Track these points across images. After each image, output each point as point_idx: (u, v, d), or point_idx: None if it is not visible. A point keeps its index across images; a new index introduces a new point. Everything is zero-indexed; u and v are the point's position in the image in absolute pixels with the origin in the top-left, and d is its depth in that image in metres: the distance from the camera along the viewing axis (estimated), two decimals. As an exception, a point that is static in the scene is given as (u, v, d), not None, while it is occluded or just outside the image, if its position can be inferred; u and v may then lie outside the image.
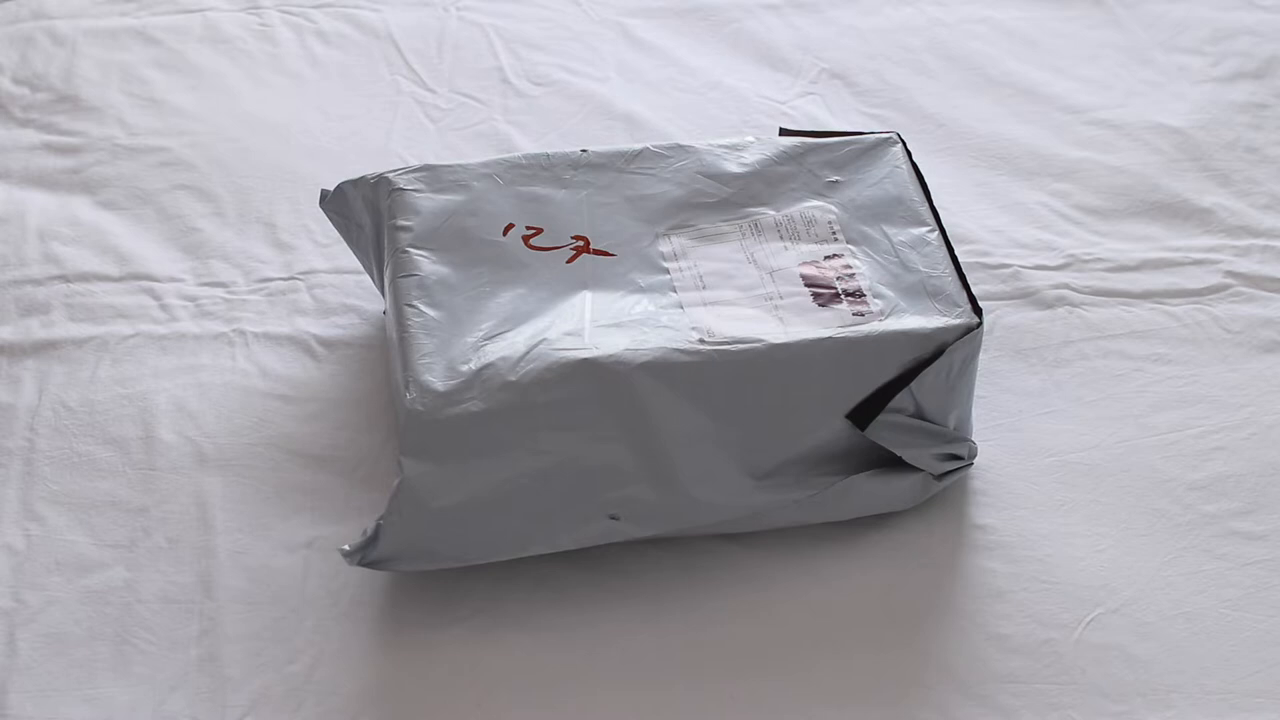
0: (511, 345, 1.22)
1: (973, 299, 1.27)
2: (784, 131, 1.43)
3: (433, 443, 1.19)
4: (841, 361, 1.23)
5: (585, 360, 1.20)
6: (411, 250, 1.30)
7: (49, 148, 1.61)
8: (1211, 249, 1.49)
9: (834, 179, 1.36)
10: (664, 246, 1.31)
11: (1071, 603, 1.23)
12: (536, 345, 1.21)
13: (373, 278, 1.41)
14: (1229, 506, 1.29)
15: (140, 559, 1.26)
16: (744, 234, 1.32)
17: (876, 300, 1.26)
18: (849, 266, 1.29)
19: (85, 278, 1.48)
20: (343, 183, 1.38)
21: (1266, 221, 1.51)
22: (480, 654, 1.20)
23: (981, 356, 1.29)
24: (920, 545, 1.26)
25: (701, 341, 1.22)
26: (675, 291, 1.27)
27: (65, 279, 1.48)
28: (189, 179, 1.57)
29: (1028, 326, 1.42)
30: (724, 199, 1.35)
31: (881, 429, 1.24)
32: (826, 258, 1.30)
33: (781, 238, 1.32)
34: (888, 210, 1.33)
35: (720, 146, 1.38)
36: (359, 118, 1.64)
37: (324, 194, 1.40)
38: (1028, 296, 1.45)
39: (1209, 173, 1.56)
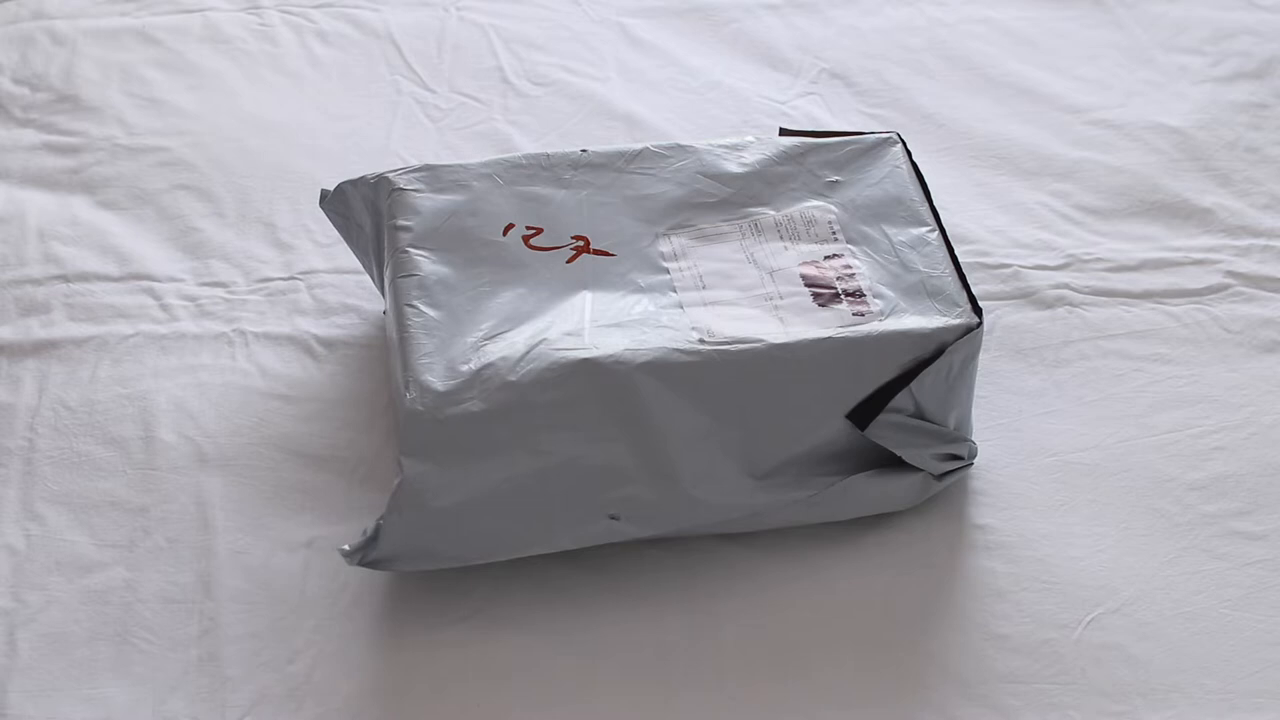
0: (511, 345, 1.22)
1: (973, 299, 1.27)
2: (784, 131, 1.43)
3: (433, 443, 1.19)
4: (841, 361, 1.23)
5: (585, 360, 1.20)
6: (411, 250, 1.30)
7: (49, 148, 1.61)
8: (1211, 249, 1.49)
9: (834, 179, 1.36)
10: (664, 246, 1.31)
11: (1071, 603, 1.23)
12: (536, 345, 1.21)
13: (373, 278, 1.41)
14: (1229, 506, 1.29)
15: (140, 559, 1.26)
16: (744, 234, 1.32)
17: (876, 300, 1.26)
18: (849, 266, 1.29)
19: (85, 278, 1.48)
20: (343, 183, 1.38)
21: (1266, 221, 1.51)
22: (480, 654, 1.20)
23: (981, 356, 1.29)
24: (920, 545, 1.26)
25: (701, 341, 1.22)
26: (675, 291, 1.27)
27: (65, 279, 1.48)
28: (189, 179, 1.57)
29: (1028, 326, 1.42)
30: (724, 199, 1.35)
31: (881, 429, 1.24)
32: (826, 258, 1.30)
33: (781, 238, 1.32)
34: (888, 210, 1.33)
35: (720, 146, 1.38)
36: (359, 118, 1.64)
37: (324, 194, 1.40)
38: (1028, 296, 1.45)
39: (1209, 173, 1.56)
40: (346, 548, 1.20)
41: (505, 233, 1.32)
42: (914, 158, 1.40)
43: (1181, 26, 1.73)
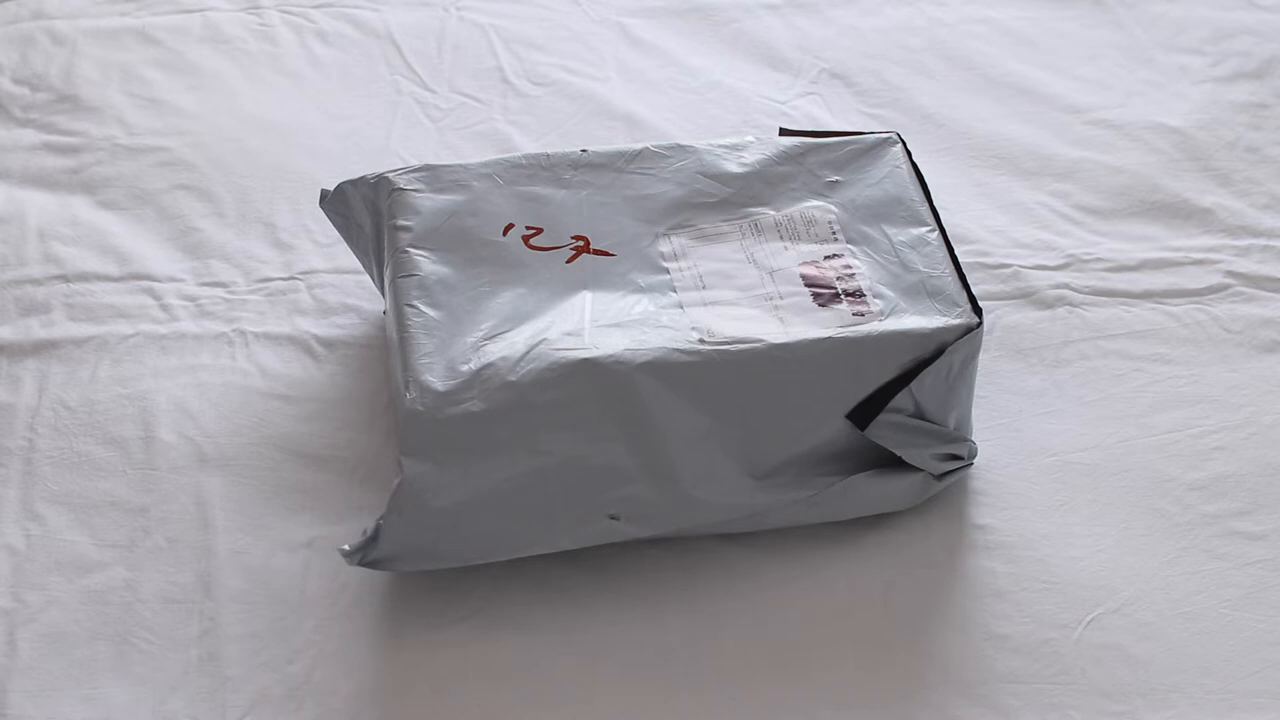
0: (511, 345, 1.22)
1: (973, 299, 1.27)
2: (784, 131, 1.43)
3: (433, 443, 1.19)
4: (841, 361, 1.23)
5: (585, 360, 1.20)
6: (411, 250, 1.30)
7: (49, 148, 1.61)
8: (1211, 249, 1.49)
9: (834, 179, 1.36)
10: (664, 246, 1.31)
11: (1071, 603, 1.23)
12: (536, 345, 1.21)
13: (373, 278, 1.41)
14: (1229, 506, 1.29)
15: (140, 559, 1.26)
16: (744, 234, 1.32)
17: (876, 300, 1.26)
18: (849, 266, 1.29)
19: (85, 278, 1.48)
20: (343, 183, 1.38)
21: (1266, 221, 1.51)
22: (480, 654, 1.20)
23: (981, 356, 1.29)
24: (920, 545, 1.26)
25: (701, 341, 1.22)
26: (675, 291, 1.27)
27: (65, 279, 1.48)
28: (189, 179, 1.57)
29: (1028, 326, 1.42)
30: (724, 199, 1.35)
31: (881, 429, 1.24)
32: (826, 258, 1.30)
33: (781, 238, 1.32)
34: (888, 210, 1.33)
35: (720, 146, 1.38)
36: (359, 118, 1.64)
37: (324, 194, 1.40)
38: (1028, 296, 1.45)
39: (1209, 173, 1.56)
40: (346, 548, 1.20)
41: (505, 233, 1.32)
42: (914, 158, 1.40)
43: (1181, 26, 1.73)
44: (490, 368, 1.20)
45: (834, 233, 1.32)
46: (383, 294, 1.36)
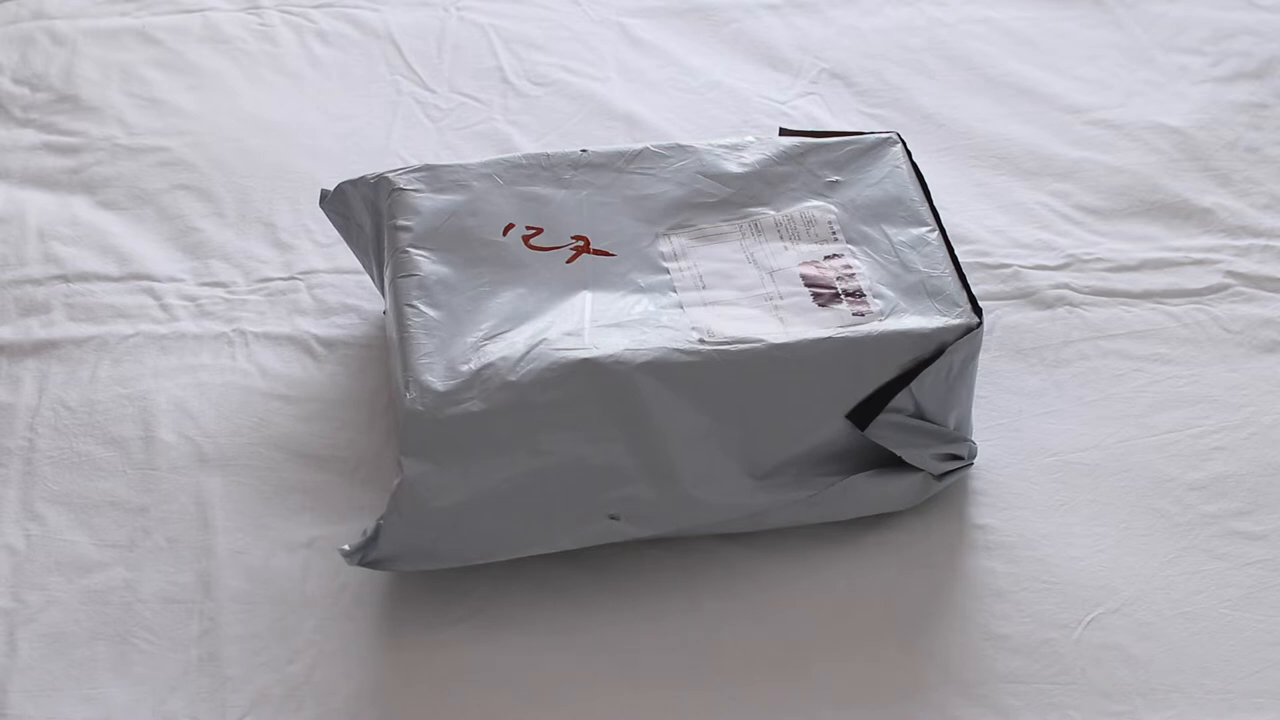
0: (511, 345, 1.22)
1: (973, 299, 1.27)
2: (784, 131, 1.43)
3: (433, 443, 1.19)
4: (841, 361, 1.23)
5: (585, 360, 1.20)
6: (411, 250, 1.30)
7: (49, 148, 1.61)
8: (1211, 249, 1.49)
9: (834, 179, 1.36)
10: (664, 246, 1.31)
11: (1071, 603, 1.23)
12: (536, 345, 1.21)
13: (373, 278, 1.41)
14: (1229, 506, 1.29)
15: (140, 559, 1.26)
16: (744, 234, 1.32)
17: (876, 300, 1.26)
18: (849, 266, 1.29)
19: (85, 278, 1.48)
20: (343, 183, 1.38)
21: (1266, 221, 1.51)
22: (480, 654, 1.20)
23: (981, 356, 1.29)
24: (920, 545, 1.26)
25: (701, 341, 1.22)
26: (675, 291, 1.27)
27: (65, 279, 1.48)
28: (189, 179, 1.57)
29: (1028, 326, 1.42)
30: (724, 199, 1.35)
31: (881, 429, 1.24)
32: (826, 258, 1.30)
33: (781, 238, 1.32)
34: (888, 210, 1.33)
35: (720, 146, 1.38)
36: (359, 118, 1.64)
37: (324, 194, 1.40)
38: (1028, 296, 1.45)
39: (1209, 173, 1.56)
40: (346, 548, 1.20)
41: (505, 233, 1.32)
42: (914, 158, 1.40)
43: (1181, 26, 1.73)
44: (490, 368, 1.20)
45: (834, 233, 1.32)
46: (383, 294, 1.36)
